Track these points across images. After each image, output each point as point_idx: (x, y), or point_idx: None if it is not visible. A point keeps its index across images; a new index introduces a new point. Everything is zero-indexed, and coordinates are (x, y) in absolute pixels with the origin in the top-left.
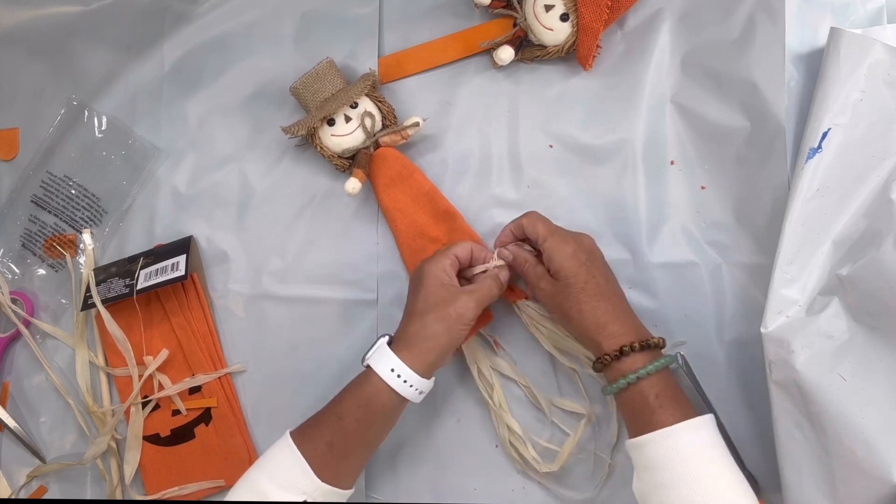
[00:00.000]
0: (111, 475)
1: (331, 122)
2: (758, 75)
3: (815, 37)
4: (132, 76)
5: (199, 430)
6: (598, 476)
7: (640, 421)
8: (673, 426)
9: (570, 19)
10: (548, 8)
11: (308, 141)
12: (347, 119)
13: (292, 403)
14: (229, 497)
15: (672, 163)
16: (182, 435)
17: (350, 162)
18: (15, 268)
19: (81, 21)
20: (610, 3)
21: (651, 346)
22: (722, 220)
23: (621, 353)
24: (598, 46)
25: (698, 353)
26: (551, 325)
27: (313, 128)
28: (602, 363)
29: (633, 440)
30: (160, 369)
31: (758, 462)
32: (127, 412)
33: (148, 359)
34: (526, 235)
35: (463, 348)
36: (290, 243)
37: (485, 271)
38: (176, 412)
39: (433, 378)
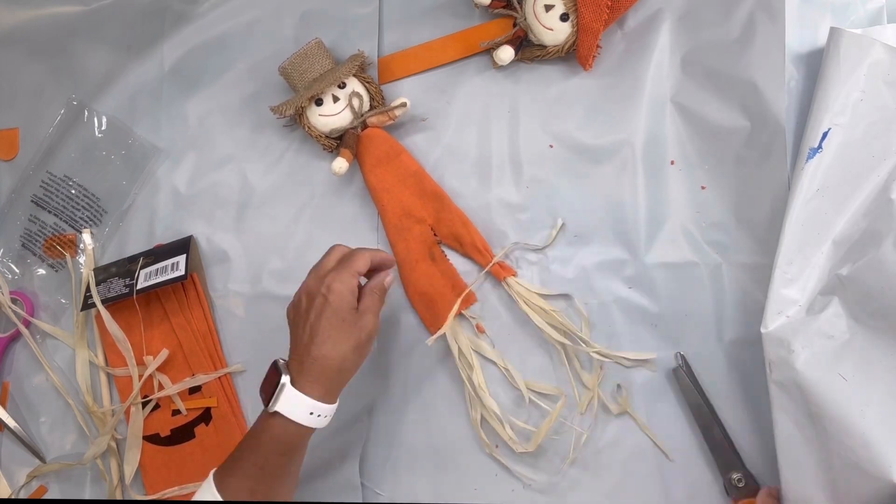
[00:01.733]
0: (111, 475)
1: (318, 103)
2: (758, 75)
3: (815, 37)
4: (132, 76)
5: (199, 429)
6: (575, 451)
7: None
8: None
9: (570, 19)
10: (548, 8)
11: (296, 121)
12: (335, 99)
13: None
14: None
15: (672, 163)
16: (182, 435)
17: (337, 142)
18: (15, 268)
19: (81, 21)
20: (610, 3)
21: None
22: (722, 220)
23: None
24: (598, 46)
25: (698, 353)
26: (542, 301)
27: (301, 107)
28: None
29: None
30: (160, 369)
31: (758, 462)
32: (127, 412)
33: (148, 359)
34: None
35: (447, 332)
36: (290, 243)
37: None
38: (176, 412)
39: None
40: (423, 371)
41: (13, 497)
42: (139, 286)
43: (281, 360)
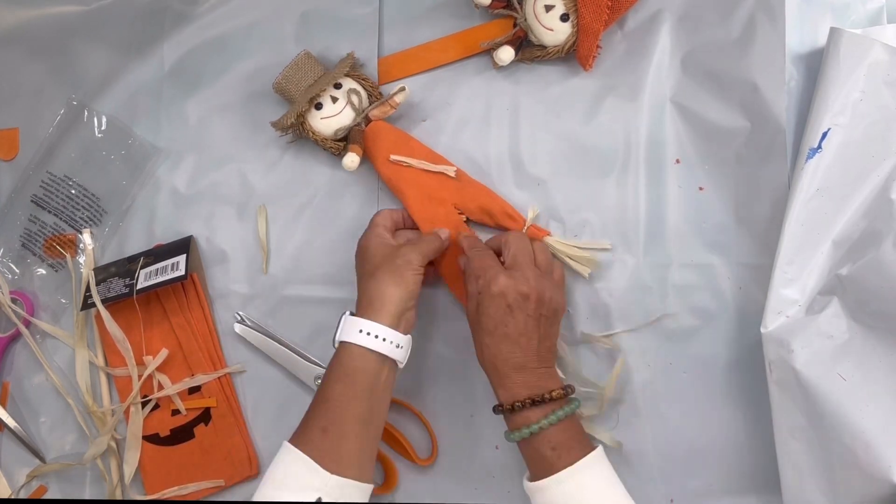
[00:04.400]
0: (111, 475)
1: (318, 107)
2: (758, 75)
3: (815, 37)
4: (132, 76)
5: (199, 429)
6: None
7: (538, 468)
8: (563, 472)
9: (571, 20)
10: (548, 8)
11: (299, 133)
12: (334, 100)
13: (292, 403)
14: None
15: (677, 161)
16: (182, 435)
17: (344, 144)
18: (15, 268)
19: (81, 21)
20: (610, 4)
21: (546, 401)
22: (722, 220)
23: (514, 408)
24: (598, 47)
25: (699, 352)
26: (584, 252)
27: (303, 115)
28: (500, 412)
29: (531, 484)
30: (160, 369)
31: (758, 462)
32: (126, 412)
33: (147, 358)
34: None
35: None
36: (290, 243)
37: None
38: (175, 412)
39: (409, 335)
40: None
41: (13, 497)
42: (139, 286)
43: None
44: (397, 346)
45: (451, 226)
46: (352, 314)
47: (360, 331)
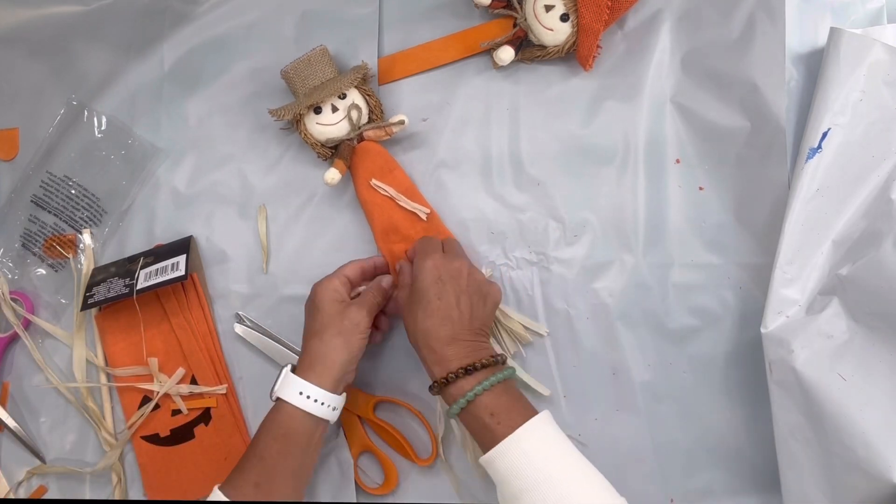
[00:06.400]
0: (111, 475)
1: (317, 110)
2: (758, 75)
3: (815, 37)
4: (132, 76)
5: (199, 430)
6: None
7: (484, 439)
8: (509, 437)
9: (571, 20)
10: (548, 8)
11: (293, 126)
12: (334, 109)
13: None
14: None
15: (677, 161)
16: (182, 435)
17: (333, 151)
18: (15, 267)
19: (81, 21)
20: (610, 4)
21: (478, 368)
22: (722, 220)
23: (447, 380)
24: (598, 47)
25: (699, 352)
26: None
27: (299, 114)
28: (436, 388)
29: (482, 458)
30: (159, 368)
31: (758, 462)
32: (128, 413)
33: (152, 360)
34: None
35: None
36: (290, 243)
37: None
38: (176, 412)
39: (344, 394)
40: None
41: (12, 496)
42: (139, 286)
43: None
44: (333, 409)
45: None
46: (293, 369)
47: (301, 393)
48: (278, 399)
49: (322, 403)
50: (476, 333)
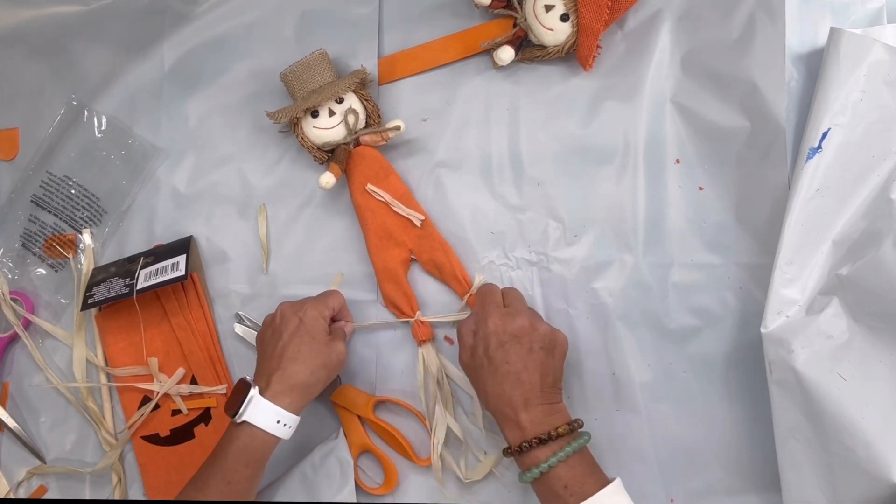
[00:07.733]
0: (111, 475)
1: (314, 114)
2: (758, 75)
3: (815, 37)
4: (132, 76)
5: (199, 430)
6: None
7: None
8: None
9: (571, 20)
10: (548, 8)
11: (290, 129)
12: (331, 113)
13: None
14: None
15: (677, 161)
16: (182, 435)
17: (329, 155)
18: (15, 267)
19: (81, 21)
20: (610, 4)
21: (554, 438)
22: (722, 220)
23: (521, 449)
24: (598, 47)
25: (699, 352)
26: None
27: (296, 117)
28: (510, 454)
29: None
30: (159, 368)
31: (758, 462)
32: (128, 413)
33: (152, 360)
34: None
35: (419, 353)
36: (290, 243)
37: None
38: (176, 412)
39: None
40: None
41: (12, 495)
42: (139, 286)
43: (248, 377)
44: (293, 429)
45: (399, 265)
46: (259, 391)
47: (278, 422)
48: (246, 422)
49: (290, 427)
50: (550, 392)
